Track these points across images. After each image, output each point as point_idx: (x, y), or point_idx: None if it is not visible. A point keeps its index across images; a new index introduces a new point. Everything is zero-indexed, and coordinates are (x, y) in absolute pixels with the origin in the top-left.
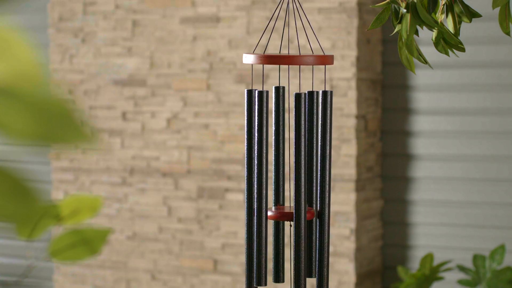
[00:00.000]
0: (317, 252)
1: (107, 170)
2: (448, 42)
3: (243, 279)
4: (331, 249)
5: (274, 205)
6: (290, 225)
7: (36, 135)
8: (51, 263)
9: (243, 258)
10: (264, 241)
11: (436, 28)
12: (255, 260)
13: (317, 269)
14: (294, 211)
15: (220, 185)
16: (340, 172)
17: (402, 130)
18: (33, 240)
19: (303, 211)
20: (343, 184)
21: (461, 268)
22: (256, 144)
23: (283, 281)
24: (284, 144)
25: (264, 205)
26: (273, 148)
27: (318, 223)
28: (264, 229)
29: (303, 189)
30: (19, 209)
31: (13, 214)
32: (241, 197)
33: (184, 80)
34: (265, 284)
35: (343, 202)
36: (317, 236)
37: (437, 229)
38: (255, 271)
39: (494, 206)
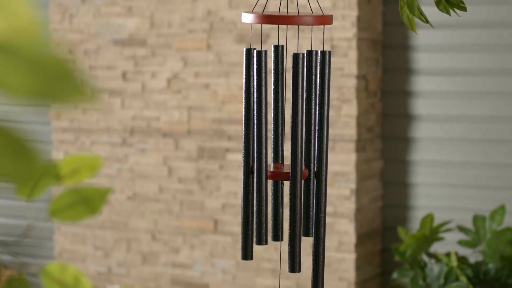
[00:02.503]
0: (314, 211)
1: (107, 130)
2: (449, 1)
3: None
4: (331, 209)
5: (273, 163)
6: (283, 184)
7: (35, 92)
8: (51, 223)
9: None
10: (264, 200)
11: None
12: (255, 219)
13: (314, 228)
14: (290, 170)
15: (221, 145)
16: (341, 133)
17: (402, 90)
18: (33, 200)
19: (299, 171)
20: (344, 144)
21: (461, 229)
22: (254, 103)
23: (282, 240)
24: (283, 104)
25: (264, 164)
26: (272, 108)
27: (315, 183)
28: (264, 188)
29: (299, 149)
30: (18, 168)
31: (12, 173)
32: (242, 157)
33: (184, 40)
34: (266, 243)
35: (343, 162)
36: (314, 196)
37: (437, 189)
38: (255, 230)
39: (495, 166)
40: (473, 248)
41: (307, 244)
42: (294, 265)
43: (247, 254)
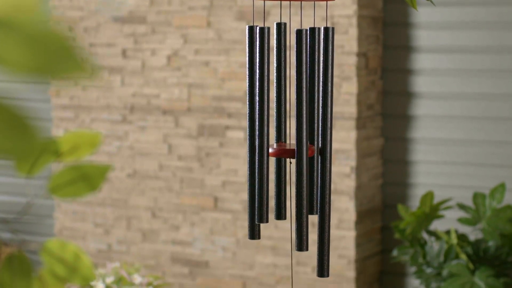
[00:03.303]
0: (319, 189)
1: (107, 108)
2: None
3: (243, 216)
4: (331, 187)
5: (276, 142)
6: (290, 162)
7: (35, 68)
8: (52, 201)
9: (243, 195)
10: (266, 178)
11: None
12: (256, 197)
13: (318, 206)
14: (295, 147)
15: (221, 123)
16: (341, 110)
17: (402, 67)
18: (32, 177)
19: (304, 148)
20: (344, 122)
21: (461, 206)
22: (257, 81)
23: (284, 218)
24: (286, 81)
25: (266, 142)
26: (275, 85)
27: (319, 160)
28: (266, 166)
29: (304, 126)
30: (18, 144)
31: (12, 149)
32: (242, 135)
33: (185, 17)
34: (267, 221)
35: (343, 140)
36: (319, 173)
37: (438, 167)
38: (256, 209)
39: (495, 144)
40: (473, 226)
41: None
42: (302, 244)
43: (254, 233)
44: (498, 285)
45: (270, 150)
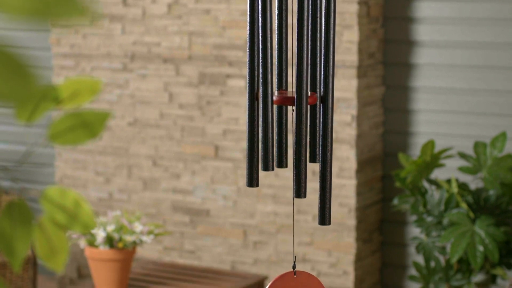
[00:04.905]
0: (321, 137)
1: (108, 56)
2: None
3: (244, 165)
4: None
5: (277, 90)
6: (293, 110)
7: (34, 11)
8: (53, 149)
9: (244, 144)
10: (270, 126)
11: None
12: (261, 145)
13: (320, 154)
14: (295, 95)
15: (221, 71)
16: (342, 58)
17: (404, 16)
18: (32, 124)
19: (305, 95)
20: (345, 70)
21: (462, 155)
22: (259, 28)
23: (286, 166)
24: (287, 29)
25: (270, 89)
26: (276, 33)
27: (321, 108)
28: (270, 114)
29: (305, 73)
30: (18, 90)
31: (12, 94)
32: (243, 83)
33: None
34: (273, 169)
35: (344, 88)
36: (321, 122)
37: (439, 116)
38: (261, 157)
39: (496, 93)
40: (474, 175)
41: (308, 170)
42: (300, 191)
43: (252, 181)
44: (499, 234)
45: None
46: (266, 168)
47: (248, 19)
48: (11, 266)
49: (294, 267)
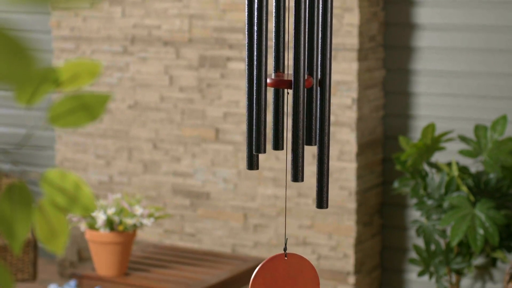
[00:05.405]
0: (318, 120)
1: (108, 39)
2: None
3: (244, 148)
4: (332, 118)
5: (274, 73)
6: (287, 93)
7: None
8: (53, 132)
9: (244, 127)
10: (263, 108)
11: None
12: (254, 127)
13: (317, 137)
14: (292, 78)
15: (222, 54)
16: (342, 41)
17: None
18: (32, 106)
19: (302, 78)
20: (345, 53)
21: (463, 139)
22: (256, 11)
23: (282, 149)
24: (285, 12)
25: (263, 72)
26: (274, 16)
27: (319, 91)
28: (263, 96)
29: (302, 56)
30: (18, 72)
31: (12, 76)
32: (243, 66)
33: None
34: (264, 152)
35: (345, 71)
36: (318, 104)
37: (439, 99)
38: (254, 139)
39: (497, 76)
40: (474, 158)
41: (308, 153)
42: (297, 174)
43: (252, 164)
44: (499, 217)
45: (268, 80)
46: (258, 150)
47: (246, 2)
48: (12, 248)
49: (285, 249)
